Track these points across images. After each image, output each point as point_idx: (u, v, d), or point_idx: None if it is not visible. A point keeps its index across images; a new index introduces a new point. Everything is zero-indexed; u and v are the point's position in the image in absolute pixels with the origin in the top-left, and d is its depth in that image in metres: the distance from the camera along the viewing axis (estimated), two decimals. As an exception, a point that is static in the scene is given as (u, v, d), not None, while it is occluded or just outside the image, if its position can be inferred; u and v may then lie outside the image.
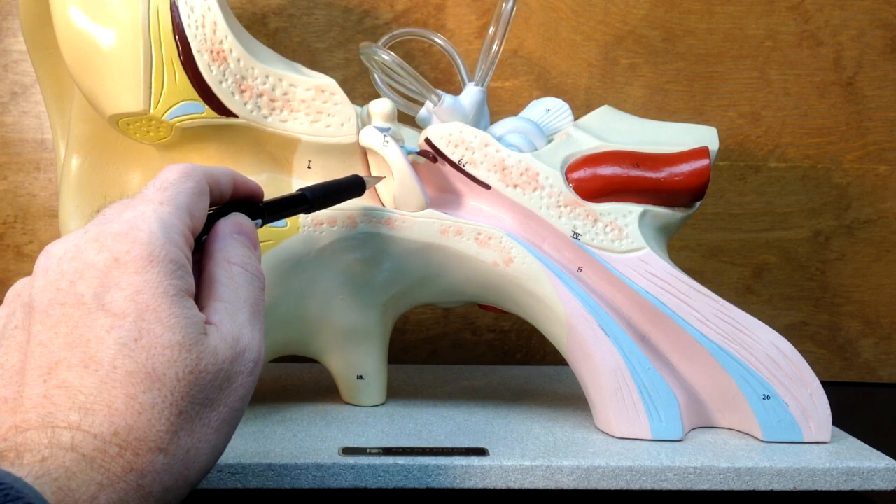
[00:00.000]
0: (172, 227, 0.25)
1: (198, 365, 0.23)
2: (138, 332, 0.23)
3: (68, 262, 0.24)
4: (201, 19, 0.39)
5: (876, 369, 0.65)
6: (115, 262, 0.24)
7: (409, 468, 0.37)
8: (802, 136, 0.63)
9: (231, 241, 0.28)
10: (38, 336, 0.23)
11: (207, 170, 0.28)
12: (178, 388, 0.23)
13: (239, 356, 0.25)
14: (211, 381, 0.24)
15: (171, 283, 0.24)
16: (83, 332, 0.23)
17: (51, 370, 0.22)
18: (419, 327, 0.63)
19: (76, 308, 0.23)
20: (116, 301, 0.23)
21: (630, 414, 0.41)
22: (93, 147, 0.46)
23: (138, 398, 0.22)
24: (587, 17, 0.61)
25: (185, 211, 0.26)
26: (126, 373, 0.22)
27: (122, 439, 0.22)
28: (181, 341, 0.23)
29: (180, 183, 0.27)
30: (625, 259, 0.41)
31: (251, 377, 0.26)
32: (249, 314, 0.26)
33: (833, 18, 0.61)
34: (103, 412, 0.22)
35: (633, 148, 0.43)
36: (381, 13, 0.60)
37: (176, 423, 0.23)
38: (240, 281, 0.27)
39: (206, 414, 0.24)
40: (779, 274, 0.64)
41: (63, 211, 0.46)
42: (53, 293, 0.23)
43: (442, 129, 0.42)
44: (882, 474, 0.39)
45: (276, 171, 0.42)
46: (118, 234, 0.24)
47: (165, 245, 0.24)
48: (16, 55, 0.59)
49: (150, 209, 0.25)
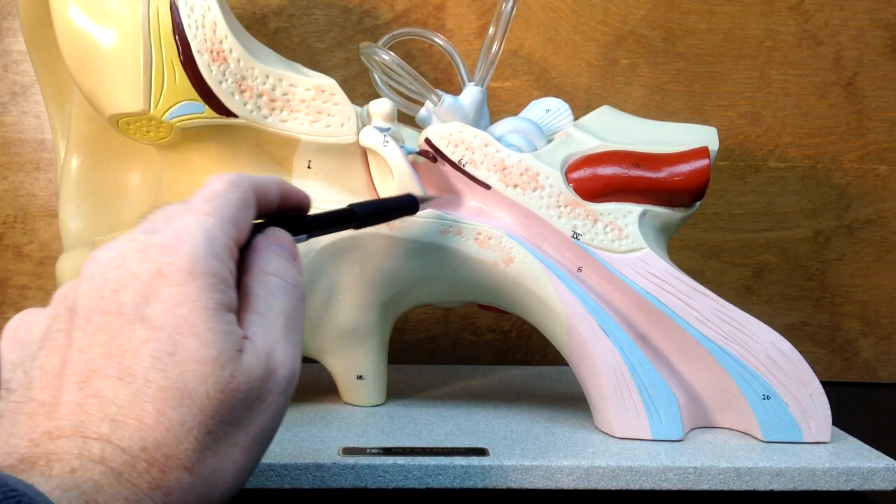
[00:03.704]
0: (216, 239, 0.25)
1: (230, 383, 0.23)
2: (174, 345, 0.23)
3: (113, 270, 0.24)
4: (201, 19, 0.39)
5: (876, 369, 0.65)
6: (157, 274, 0.24)
7: (409, 468, 0.37)
8: (802, 136, 0.63)
9: (268, 252, 0.27)
10: (79, 342, 0.23)
11: (255, 180, 0.28)
12: (207, 406, 0.23)
13: (271, 373, 0.25)
14: (242, 399, 0.24)
15: (210, 297, 0.24)
16: (121, 343, 0.23)
17: (87, 378, 0.22)
18: (419, 327, 0.63)
19: (117, 317, 0.23)
20: (156, 313, 0.23)
21: (630, 414, 0.41)
22: (93, 147, 0.46)
23: (168, 414, 0.22)
24: (587, 17, 0.61)
25: (231, 223, 0.26)
26: (158, 387, 0.22)
27: (149, 455, 0.21)
28: (215, 357, 0.23)
29: (226, 194, 0.26)
30: (625, 259, 0.41)
31: (283, 395, 0.25)
32: (284, 326, 0.26)
33: (833, 18, 0.61)
34: (133, 426, 0.22)
35: (633, 148, 0.43)
36: (381, 13, 0.60)
37: (203, 442, 0.22)
38: (275, 291, 0.26)
39: (234, 433, 0.23)
40: (779, 274, 0.64)
41: (63, 211, 0.46)
42: (96, 300, 0.23)
43: (442, 129, 0.42)
44: (882, 474, 0.39)
45: (275, 171, 0.42)
46: (163, 245, 0.24)
47: (208, 258, 0.24)
48: (16, 55, 0.59)
49: (195, 220, 0.25)
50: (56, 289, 0.26)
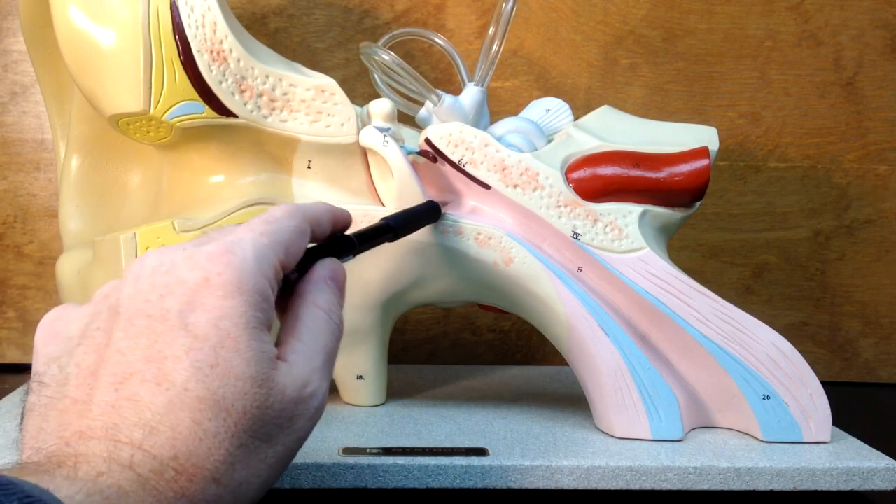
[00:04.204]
0: (266, 258, 0.25)
1: (265, 401, 0.23)
2: (215, 358, 0.23)
3: (161, 275, 0.24)
4: (201, 19, 0.39)
5: (876, 369, 0.65)
6: (205, 282, 0.24)
7: (409, 468, 0.37)
8: (802, 136, 0.63)
9: (323, 285, 0.28)
10: (119, 343, 0.23)
11: (309, 211, 0.29)
12: (242, 420, 0.23)
13: (304, 400, 0.25)
14: (274, 418, 0.24)
15: (253, 315, 0.24)
16: (162, 348, 0.23)
17: (124, 380, 0.22)
18: (419, 327, 0.63)
19: (160, 322, 0.23)
20: (199, 323, 0.23)
21: (630, 414, 0.41)
22: (93, 147, 0.46)
23: (203, 424, 0.22)
24: (587, 17, 0.61)
25: (282, 247, 0.26)
26: (196, 397, 0.22)
27: (179, 463, 0.21)
28: (254, 375, 0.23)
29: (284, 220, 0.27)
30: (625, 259, 0.41)
31: (311, 422, 0.25)
32: (323, 361, 0.26)
33: (833, 18, 0.61)
34: (167, 433, 0.22)
35: (633, 148, 0.43)
36: (381, 13, 0.60)
37: (234, 455, 0.23)
38: (322, 327, 0.27)
39: (263, 450, 0.24)
40: (779, 274, 0.64)
41: (63, 211, 0.46)
42: (141, 303, 0.24)
43: (442, 129, 0.42)
44: (882, 474, 0.39)
45: (276, 171, 0.42)
46: (213, 253, 0.24)
47: (255, 275, 0.24)
48: (16, 55, 0.59)
49: (248, 237, 0.25)
50: (56, 289, 0.26)
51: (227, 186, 0.42)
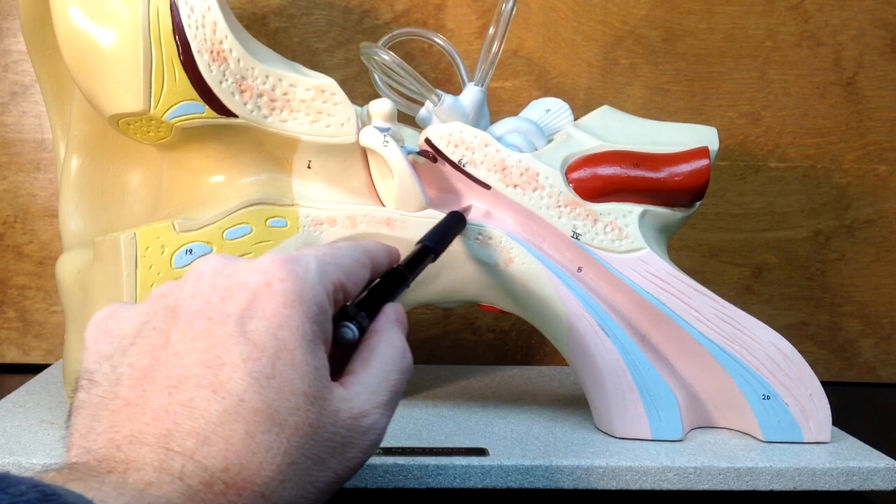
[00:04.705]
0: (327, 274, 0.25)
1: (317, 419, 0.23)
2: (272, 370, 0.22)
3: (224, 277, 0.24)
4: (201, 19, 0.39)
5: (876, 369, 0.65)
6: (266, 286, 0.23)
7: (409, 468, 0.37)
8: (802, 136, 0.63)
9: (398, 327, 0.28)
10: (176, 345, 0.23)
11: (370, 248, 0.30)
12: (294, 437, 0.22)
13: (360, 429, 0.24)
14: (327, 440, 0.23)
15: (310, 328, 0.24)
16: (220, 354, 0.22)
17: (179, 384, 0.22)
18: (419, 327, 0.63)
19: (220, 326, 0.23)
20: (258, 330, 0.23)
21: (630, 414, 0.41)
22: (93, 147, 0.46)
23: (256, 437, 0.21)
24: (587, 17, 0.61)
25: (344, 271, 0.26)
26: (252, 409, 0.22)
27: (230, 476, 0.21)
28: (307, 391, 0.23)
29: (346, 249, 0.28)
30: (625, 259, 0.41)
31: (364, 455, 0.25)
32: (388, 399, 0.26)
33: (833, 18, 0.61)
34: (220, 444, 0.21)
35: (633, 148, 0.43)
36: (381, 13, 0.60)
37: (285, 472, 0.22)
38: (394, 366, 0.27)
39: (314, 472, 0.23)
40: (779, 274, 0.64)
41: (63, 211, 0.46)
42: (202, 305, 0.23)
43: (442, 129, 0.42)
44: (882, 474, 0.39)
45: (276, 171, 0.42)
46: (276, 260, 0.24)
47: (316, 287, 0.24)
48: (16, 55, 0.59)
49: (312, 254, 0.26)
50: (56, 289, 0.26)
51: (227, 186, 0.42)
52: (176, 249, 0.38)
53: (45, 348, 0.62)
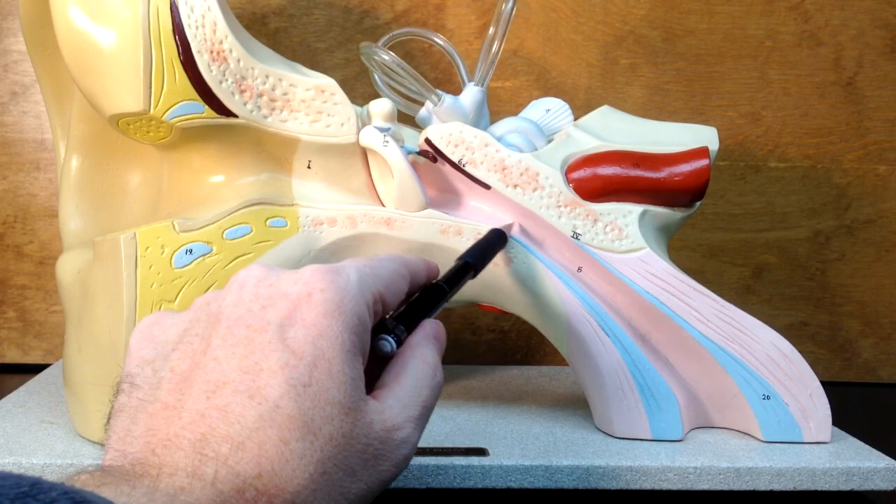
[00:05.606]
0: (367, 285, 0.26)
1: (351, 430, 0.23)
2: (309, 377, 0.22)
3: (266, 287, 0.24)
4: (201, 19, 0.39)
5: (876, 369, 0.65)
6: (307, 296, 0.24)
7: (409, 468, 0.37)
8: (802, 136, 0.63)
9: (433, 343, 0.29)
10: (216, 351, 0.23)
11: (410, 261, 0.30)
12: (327, 446, 0.22)
13: (392, 443, 0.24)
14: (360, 451, 0.23)
15: (349, 338, 0.24)
16: (258, 360, 0.22)
17: (217, 388, 0.22)
18: (419, 327, 0.63)
19: (259, 333, 0.23)
20: (297, 338, 0.23)
21: (630, 414, 0.41)
22: (93, 147, 0.46)
23: (290, 444, 0.21)
24: (587, 17, 0.61)
25: (383, 282, 0.27)
26: (287, 416, 0.22)
27: (262, 483, 0.21)
28: (342, 402, 0.23)
29: (386, 261, 0.28)
30: (625, 259, 0.41)
31: (396, 468, 0.25)
32: (419, 414, 0.26)
33: (833, 18, 0.61)
34: (253, 450, 0.21)
35: (633, 148, 0.43)
36: (381, 13, 0.60)
37: (317, 482, 0.22)
38: (426, 382, 0.27)
39: (346, 483, 0.23)
40: (779, 274, 0.64)
41: (63, 211, 0.46)
42: (243, 312, 0.24)
43: (442, 129, 0.42)
44: (882, 474, 0.39)
45: (276, 171, 0.42)
46: (318, 270, 0.25)
47: (356, 298, 0.25)
48: (16, 55, 0.59)
49: (353, 265, 0.26)
50: (56, 289, 0.26)
51: (227, 186, 0.42)
52: (176, 249, 0.38)
53: (45, 348, 0.62)
